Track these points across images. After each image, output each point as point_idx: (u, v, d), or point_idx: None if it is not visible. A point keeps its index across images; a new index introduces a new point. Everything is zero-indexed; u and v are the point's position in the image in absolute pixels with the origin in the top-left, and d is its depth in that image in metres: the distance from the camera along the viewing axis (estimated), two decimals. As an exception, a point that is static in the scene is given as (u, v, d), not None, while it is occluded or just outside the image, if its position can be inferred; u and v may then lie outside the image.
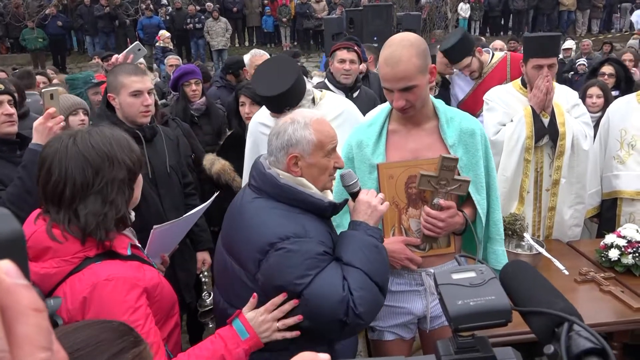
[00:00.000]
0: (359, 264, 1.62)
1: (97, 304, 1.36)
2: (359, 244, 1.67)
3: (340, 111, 2.64)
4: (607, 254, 2.69)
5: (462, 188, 1.94)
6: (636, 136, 3.20)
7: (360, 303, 1.58)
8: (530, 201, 3.11)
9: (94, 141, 1.46)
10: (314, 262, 1.58)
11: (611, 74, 4.37)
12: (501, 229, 2.12)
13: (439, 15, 15.23)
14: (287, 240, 1.58)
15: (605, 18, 16.30)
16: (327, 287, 1.57)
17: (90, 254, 1.44)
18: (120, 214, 1.46)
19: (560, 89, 3.14)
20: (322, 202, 1.67)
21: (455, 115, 2.04)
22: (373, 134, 2.03)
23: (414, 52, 1.83)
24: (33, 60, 13.12)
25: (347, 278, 1.60)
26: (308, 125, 1.68)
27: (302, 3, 14.54)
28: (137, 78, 2.35)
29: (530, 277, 0.95)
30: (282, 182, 1.66)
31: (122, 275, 1.42)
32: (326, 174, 1.73)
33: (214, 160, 3.14)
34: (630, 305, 2.33)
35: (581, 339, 0.78)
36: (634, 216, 3.18)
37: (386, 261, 1.72)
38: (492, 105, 3.20)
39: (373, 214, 1.73)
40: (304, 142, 1.67)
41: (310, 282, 1.57)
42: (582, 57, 9.23)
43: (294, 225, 1.61)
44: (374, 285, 1.63)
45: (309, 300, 1.58)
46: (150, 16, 13.57)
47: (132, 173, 1.51)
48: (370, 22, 8.60)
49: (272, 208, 1.66)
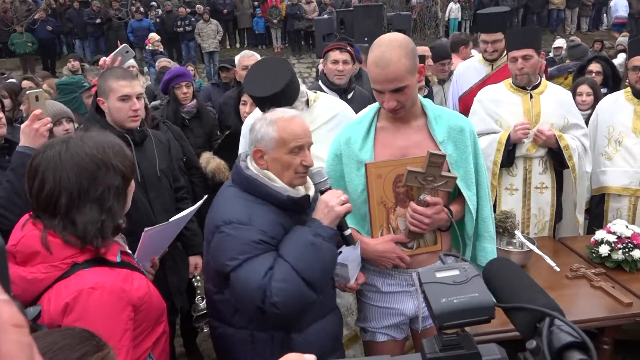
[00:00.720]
0: (289, 258, 1.72)
1: (79, 311, 1.35)
2: (296, 240, 1.76)
3: (335, 113, 2.60)
4: (597, 250, 2.71)
5: (449, 184, 1.94)
6: (623, 132, 3.23)
7: (277, 294, 1.67)
8: (519, 199, 3.13)
9: (87, 148, 1.44)
10: (246, 248, 1.71)
11: (599, 71, 4.40)
12: (490, 226, 2.11)
13: (430, 15, 15.28)
14: (229, 224, 1.74)
15: (594, 16, 16.43)
16: (249, 273, 1.69)
17: (78, 260, 1.43)
18: (117, 221, 1.46)
19: (554, 96, 3.12)
20: (281, 195, 1.78)
21: (443, 113, 2.05)
22: (361, 130, 2.04)
23: (403, 52, 1.84)
24: (22, 65, 13.02)
25: (274, 268, 1.70)
26: (273, 122, 1.80)
27: (293, 4, 14.53)
28: (125, 82, 2.35)
29: (513, 274, 0.96)
30: (247, 174, 1.81)
31: (109, 285, 1.41)
32: (290, 170, 1.81)
33: (209, 159, 3.15)
34: (620, 300, 2.35)
35: (562, 333, 0.80)
36: (621, 212, 3.21)
37: (323, 259, 1.77)
38: (475, 108, 3.23)
39: (329, 214, 1.79)
40: (267, 138, 1.79)
41: (237, 265, 1.71)
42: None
43: (241, 212, 1.75)
44: (300, 281, 1.71)
45: (233, 283, 1.74)
46: (141, 19, 13.50)
47: (126, 179, 1.50)
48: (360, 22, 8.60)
49: (234, 196, 1.82)
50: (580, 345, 0.78)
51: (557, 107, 3.09)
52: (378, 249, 2.01)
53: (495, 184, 3.09)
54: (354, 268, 1.96)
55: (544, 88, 3.15)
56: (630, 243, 2.63)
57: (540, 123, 3.07)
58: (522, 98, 3.13)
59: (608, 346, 2.43)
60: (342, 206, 1.81)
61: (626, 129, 3.22)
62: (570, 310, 2.34)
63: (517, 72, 3.08)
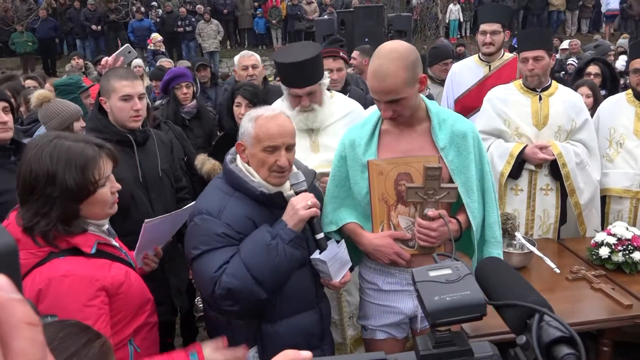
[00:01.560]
0: (243, 255, 1.78)
1: (52, 297, 1.42)
2: (254, 239, 1.81)
3: (350, 110, 2.67)
4: (597, 251, 2.71)
5: (451, 195, 1.94)
6: (624, 135, 3.23)
7: (223, 287, 1.74)
8: (524, 200, 3.12)
9: (45, 153, 1.51)
10: (208, 239, 1.79)
11: (597, 73, 4.40)
12: (497, 232, 2.10)
13: (430, 16, 15.29)
14: (199, 215, 1.83)
15: (595, 18, 16.45)
16: (206, 265, 1.77)
17: (55, 249, 1.49)
18: (49, 226, 1.49)
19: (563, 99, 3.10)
20: (255, 190, 1.83)
21: (449, 117, 2.04)
22: (365, 133, 2.05)
23: (402, 65, 1.84)
24: (22, 64, 13.02)
25: (229, 262, 1.77)
26: (253, 119, 1.85)
27: (293, 5, 14.55)
28: (127, 82, 2.36)
29: (504, 272, 0.99)
30: (230, 167, 1.89)
31: (80, 272, 1.48)
32: (264, 168, 1.85)
33: (204, 160, 3.15)
34: (620, 302, 2.35)
35: (551, 328, 0.82)
36: (622, 214, 3.21)
37: (277, 260, 1.79)
38: (485, 107, 3.22)
39: (294, 216, 1.83)
40: (246, 133, 1.86)
41: (197, 255, 1.79)
42: (572, 56, 9.31)
43: (216, 204, 1.83)
44: (249, 278, 1.76)
45: (194, 271, 1.86)
46: (141, 19, 13.51)
47: (73, 193, 1.51)
48: (361, 23, 8.62)
49: (216, 188, 1.91)
50: (569, 340, 0.80)
51: (565, 109, 3.07)
52: (375, 243, 2.02)
53: (501, 194, 3.09)
54: (336, 266, 1.95)
55: (554, 90, 3.14)
56: (630, 245, 2.64)
57: (548, 125, 3.07)
58: (531, 99, 3.12)
59: (608, 348, 2.43)
60: (307, 210, 1.82)
61: (627, 131, 3.23)
62: (570, 312, 2.34)
63: (527, 73, 3.07)
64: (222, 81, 5.86)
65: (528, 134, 3.09)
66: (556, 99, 3.10)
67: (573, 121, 3.07)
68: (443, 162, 1.98)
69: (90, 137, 1.66)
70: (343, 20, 8.90)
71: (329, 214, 2.14)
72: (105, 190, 1.60)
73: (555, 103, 3.09)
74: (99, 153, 1.58)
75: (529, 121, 3.08)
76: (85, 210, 1.57)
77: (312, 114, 2.49)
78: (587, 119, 3.11)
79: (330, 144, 2.51)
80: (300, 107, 2.48)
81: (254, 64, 4.22)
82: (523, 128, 3.09)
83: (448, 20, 15.49)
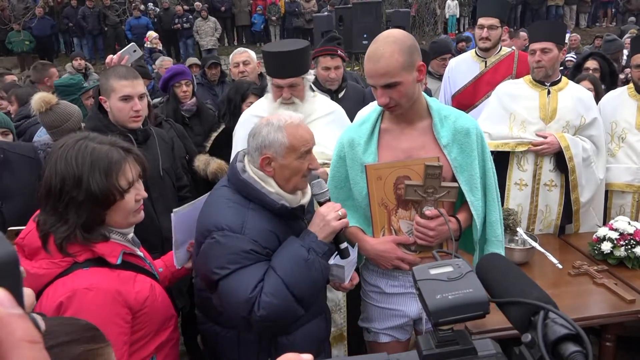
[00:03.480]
0: (280, 272, 1.67)
1: (73, 311, 1.36)
2: (290, 254, 1.71)
3: (332, 110, 2.71)
4: (599, 246, 2.70)
5: (451, 194, 1.91)
6: (626, 129, 3.22)
7: (264, 307, 1.64)
8: (528, 195, 3.11)
9: (70, 155, 1.44)
10: (237, 257, 1.66)
11: (596, 68, 4.38)
12: (498, 231, 2.07)
13: (428, 12, 15.26)
14: (220, 231, 1.68)
15: (593, 12, 16.42)
16: (239, 284, 1.65)
17: (79, 259, 1.43)
18: (67, 232, 1.42)
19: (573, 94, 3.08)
20: (275, 204, 1.73)
21: (450, 113, 2.00)
22: (365, 132, 2.00)
23: (397, 48, 1.80)
24: (20, 63, 12.97)
25: (265, 280, 1.67)
26: (281, 128, 1.74)
27: (292, 2, 14.49)
28: (127, 82, 2.32)
29: (506, 269, 0.98)
30: (242, 177, 1.76)
31: (105, 286, 1.41)
32: (299, 175, 1.77)
33: (208, 160, 3.10)
34: (623, 297, 2.35)
35: (557, 326, 0.80)
36: (624, 208, 3.20)
37: (315, 275, 1.73)
38: (491, 100, 3.22)
39: (324, 228, 1.76)
40: (277, 144, 1.73)
41: (226, 275, 1.66)
42: (571, 51, 9.29)
43: (235, 218, 1.70)
44: (289, 295, 1.67)
45: (221, 292, 1.69)
46: (139, 17, 13.46)
47: (96, 198, 1.44)
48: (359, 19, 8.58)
49: (227, 199, 1.76)
50: (575, 337, 0.79)
51: (575, 104, 3.05)
52: (377, 249, 1.99)
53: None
54: (350, 269, 1.94)
55: (564, 85, 3.12)
56: (632, 240, 2.63)
57: (556, 119, 3.05)
58: (539, 93, 3.10)
59: (611, 343, 2.43)
60: (339, 221, 1.77)
61: (629, 126, 3.22)
62: (573, 307, 2.33)
63: (534, 65, 3.04)
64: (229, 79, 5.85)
65: (532, 127, 3.06)
66: (565, 94, 3.08)
67: (582, 117, 3.05)
68: (446, 159, 1.94)
69: (117, 140, 1.57)
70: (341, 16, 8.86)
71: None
72: (130, 197, 1.51)
73: (565, 98, 3.06)
74: (124, 157, 1.50)
75: (536, 114, 3.07)
76: (109, 217, 1.49)
77: (292, 108, 2.47)
78: (596, 117, 3.08)
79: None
80: (281, 99, 2.49)
81: (245, 61, 4.21)
82: (529, 121, 3.06)
83: (447, 16, 15.45)
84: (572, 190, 3.06)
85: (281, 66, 2.45)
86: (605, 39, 7.32)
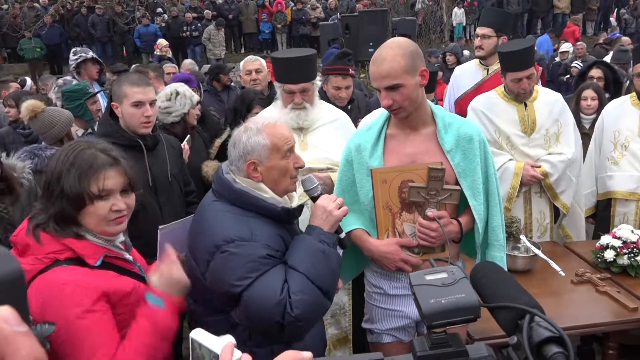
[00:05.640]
0: (302, 269, 1.67)
1: (52, 305, 1.40)
2: (305, 249, 1.72)
3: (338, 117, 2.78)
4: (602, 254, 2.71)
5: (453, 197, 1.95)
6: (629, 137, 3.23)
7: (297, 306, 1.62)
8: (521, 205, 3.14)
9: (62, 153, 1.54)
10: (255, 265, 1.64)
11: (600, 77, 4.39)
12: (500, 235, 2.12)
13: (434, 20, 15.30)
14: (231, 243, 1.65)
15: (600, 20, 16.40)
16: (265, 290, 1.62)
17: (60, 257, 1.48)
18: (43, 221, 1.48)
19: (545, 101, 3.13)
20: (275, 207, 1.73)
21: (454, 120, 2.06)
22: (371, 137, 2.07)
23: (400, 52, 1.89)
24: (30, 70, 13.13)
25: (288, 281, 1.65)
26: (260, 130, 1.74)
27: (298, 9, 14.61)
28: (139, 89, 2.40)
29: (498, 275, 1.04)
30: (236, 187, 1.73)
31: (81, 281, 1.45)
32: (287, 176, 1.77)
33: (217, 166, 3.14)
34: (626, 305, 2.35)
35: (541, 329, 0.86)
36: (628, 216, 3.21)
37: (333, 266, 1.75)
38: (470, 117, 3.21)
39: (328, 219, 1.77)
40: (259, 147, 1.72)
41: (249, 284, 1.62)
42: (577, 59, 9.28)
43: (241, 228, 1.67)
44: (316, 289, 1.67)
45: (248, 302, 1.64)
46: (147, 24, 13.61)
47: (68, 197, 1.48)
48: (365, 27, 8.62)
49: (225, 211, 1.72)
50: (558, 339, 0.84)
51: (549, 112, 3.10)
52: (381, 250, 2.04)
53: (510, 207, 3.09)
54: None
55: (536, 95, 3.15)
56: (635, 248, 2.64)
57: (537, 130, 3.09)
58: (516, 107, 3.13)
59: (614, 351, 2.43)
60: (340, 210, 1.80)
61: (632, 134, 3.23)
62: (575, 315, 2.34)
63: (521, 92, 3.06)
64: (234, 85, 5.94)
65: (519, 141, 3.10)
66: (539, 103, 3.13)
67: (558, 122, 3.10)
68: (449, 164, 1.99)
69: (111, 148, 1.59)
70: (347, 24, 8.91)
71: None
72: (102, 205, 1.50)
73: (540, 107, 3.11)
74: (106, 165, 1.51)
75: (519, 128, 3.11)
76: (82, 219, 1.51)
77: (304, 112, 2.55)
78: (568, 114, 3.16)
79: (317, 144, 2.61)
80: (293, 105, 2.55)
81: (258, 69, 4.25)
82: (513, 137, 3.11)
83: (454, 24, 15.49)
84: (553, 200, 3.13)
85: (293, 72, 2.53)
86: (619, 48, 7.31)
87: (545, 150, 3.10)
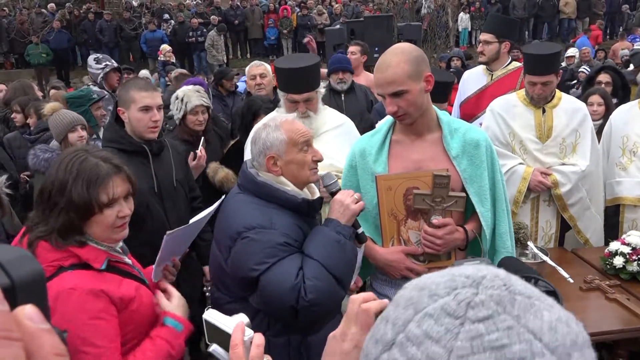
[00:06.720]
0: (317, 256, 1.76)
1: (60, 311, 1.41)
2: (321, 239, 1.81)
3: (342, 122, 2.76)
4: (611, 261, 2.68)
5: (459, 204, 1.94)
6: (638, 143, 3.20)
7: (311, 291, 1.70)
8: (527, 212, 3.12)
9: (64, 162, 1.53)
10: (274, 251, 1.74)
11: (608, 82, 4.36)
12: (508, 242, 2.09)
13: (440, 25, 15.30)
14: (252, 230, 1.76)
15: (606, 25, 16.35)
16: (281, 275, 1.71)
17: (65, 264, 1.49)
18: (44, 234, 1.48)
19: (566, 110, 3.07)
20: (296, 199, 1.83)
21: (460, 126, 2.05)
22: (376, 143, 2.06)
23: (404, 58, 1.88)
24: (37, 76, 13.24)
25: (304, 268, 1.74)
26: (278, 126, 1.85)
27: (304, 15, 14.66)
28: (147, 94, 2.40)
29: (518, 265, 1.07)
30: (259, 180, 1.84)
31: (88, 285, 1.47)
32: (306, 168, 1.86)
33: (217, 168, 3.17)
34: (636, 313, 2.32)
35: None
36: (637, 222, 3.17)
37: (348, 257, 1.81)
38: (488, 117, 3.21)
39: (345, 212, 1.84)
40: (277, 142, 1.83)
41: (266, 269, 1.73)
42: (583, 64, 9.24)
43: (262, 217, 1.79)
44: (330, 277, 1.75)
45: (264, 286, 1.74)
46: (154, 30, 13.70)
47: (76, 207, 1.49)
48: (371, 33, 8.65)
49: (248, 202, 1.85)
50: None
51: (569, 121, 3.05)
52: (387, 258, 2.03)
53: (517, 211, 3.06)
54: (356, 270, 1.99)
55: (558, 101, 3.11)
56: (645, 255, 2.60)
57: (552, 137, 3.05)
58: (534, 112, 3.10)
59: (623, 359, 2.40)
60: (357, 204, 1.86)
61: (641, 139, 3.20)
62: (584, 322, 2.27)
63: (535, 96, 3.04)
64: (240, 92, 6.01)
65: (532, 147, 3.07)
66: (559, 110, 3.08)
67: (577, 132, 3.05)
68: (455, 171, 1.98)
69: (111, 156, 1.62)
70: (353, 30, 8.94)
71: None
72: (110, 212, 1.53)
73: (559, 114, 3.07)
74: (111, 173, 1.53)
75: (534, 134, 3.08)
76: (88, 229, 1.53)
77: (308, 121, 2.54)
78: (589, 125, 3.10)
79: (322, 150, 2.58)
80: (296, 114, 2.54)
81: (262, 73, 4.27)
82: (527, 141, 3.08)
83: (460, 29, 15.49)
84: (562, 211, 3.09)
85: (297, 82, 2.52)
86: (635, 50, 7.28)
87: (560, 159, 3.07)
